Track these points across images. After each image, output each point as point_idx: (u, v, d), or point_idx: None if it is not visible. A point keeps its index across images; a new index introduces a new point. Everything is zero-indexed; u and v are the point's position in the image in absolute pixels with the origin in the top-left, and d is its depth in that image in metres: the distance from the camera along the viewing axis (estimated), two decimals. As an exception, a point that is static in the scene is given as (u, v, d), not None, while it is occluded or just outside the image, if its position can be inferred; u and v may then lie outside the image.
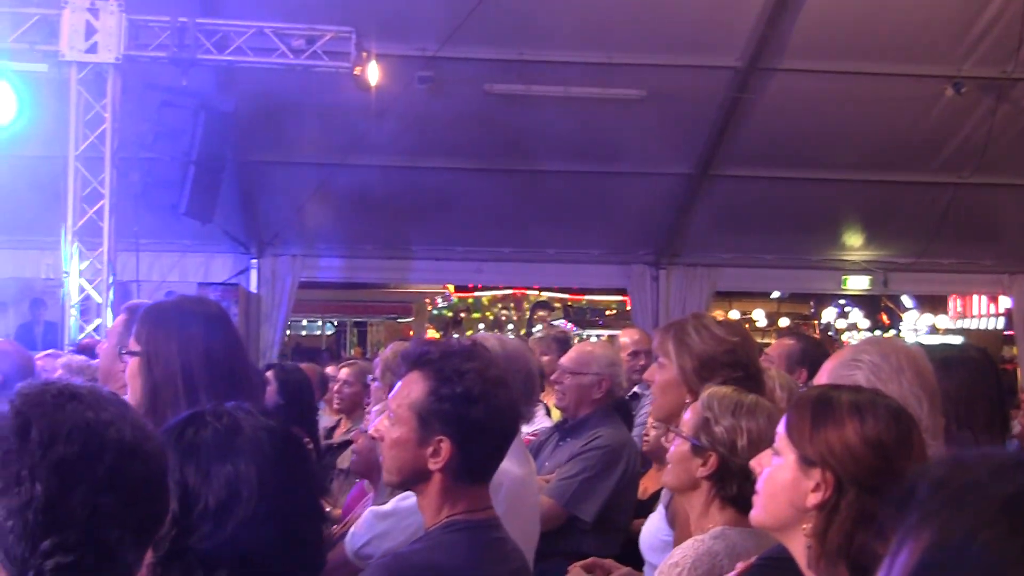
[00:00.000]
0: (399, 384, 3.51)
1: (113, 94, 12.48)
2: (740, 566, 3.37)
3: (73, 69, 12.40)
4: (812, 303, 34.50)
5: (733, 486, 3.87)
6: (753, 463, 3.15)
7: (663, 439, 4.34)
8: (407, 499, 4.16)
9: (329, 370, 11.12)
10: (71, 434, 2.14)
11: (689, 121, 15.68)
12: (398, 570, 3.34)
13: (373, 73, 13.11)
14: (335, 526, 5.98)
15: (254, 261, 17.53)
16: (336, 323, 33.42)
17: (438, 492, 3.42)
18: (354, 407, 9.05)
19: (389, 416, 3.50)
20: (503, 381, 3.50)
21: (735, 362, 4.48)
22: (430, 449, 3.39)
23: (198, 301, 4.41)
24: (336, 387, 9.29)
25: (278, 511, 2.59)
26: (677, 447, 4.05)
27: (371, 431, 3.66)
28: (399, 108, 14.16)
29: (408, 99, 14.17)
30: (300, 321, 32.05)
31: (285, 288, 17.45)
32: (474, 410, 3.36)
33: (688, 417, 4.05)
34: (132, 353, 4.00)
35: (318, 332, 33.62)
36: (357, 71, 12.94)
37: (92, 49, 12.26)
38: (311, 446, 6.71)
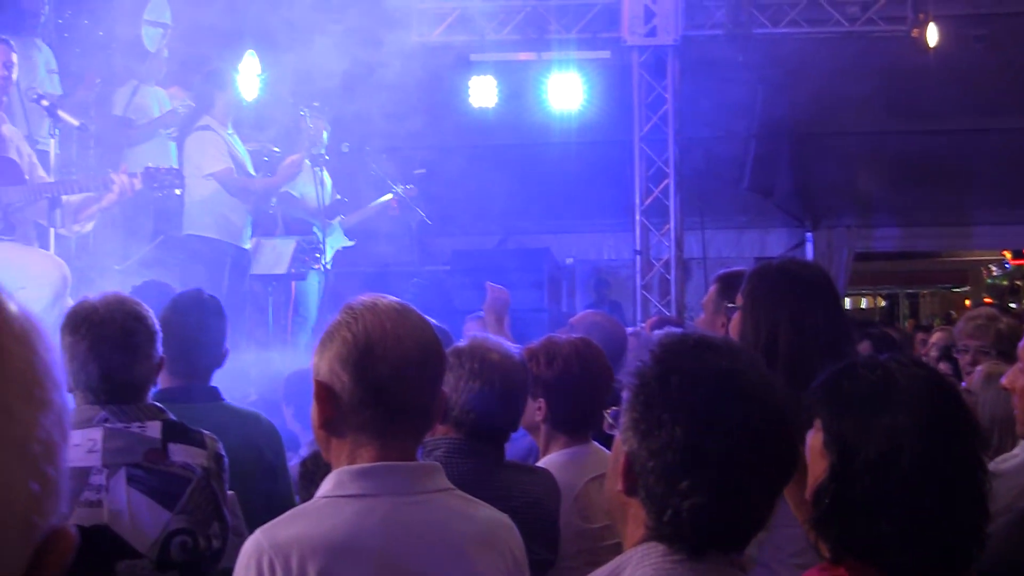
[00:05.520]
0: None
1: (672, 75, 12.87)
2: None
3: (635, 53, 12.91)
4: None
5: None
6: None
7: None
8: (1009, 460, 3.96)
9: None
10: (708, 381, 2.28)
11: None
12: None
13: (932, 35, 12.84)
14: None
15: (809, 234, 17.50)
16: (886, 295, 32.75)
17: None
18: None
19: None
20: None
21: None
22: None
23: (802, 265, 4.43)
24: (924, 351, 9.18)
25: (941, 465, 2.49)
26: None
27: (1004, 382, 3.50)
28: (956, 69, 13.78)
29: (965, 59, 13.76)
30: (848, 294, 31.65)
31: (842, 260, 17.29)
32: None
33: None
34: (734, 308, 4.09)
35: (864, 305, 33.05)
36: (915, 33, 12.73)
37: (651, 33, 12.73)
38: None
